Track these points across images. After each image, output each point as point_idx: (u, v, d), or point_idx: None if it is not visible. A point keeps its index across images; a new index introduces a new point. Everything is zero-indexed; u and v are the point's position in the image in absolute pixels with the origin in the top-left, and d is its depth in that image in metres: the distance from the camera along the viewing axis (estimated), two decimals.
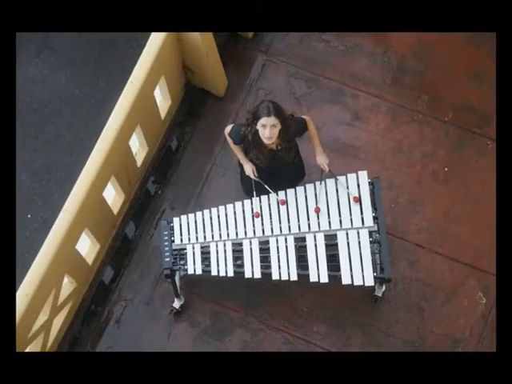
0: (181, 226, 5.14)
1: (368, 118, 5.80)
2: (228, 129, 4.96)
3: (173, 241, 5.12)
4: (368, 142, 5.74)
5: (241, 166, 5.09)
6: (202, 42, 5.32)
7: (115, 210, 5.54)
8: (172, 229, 5.14)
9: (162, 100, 5.70)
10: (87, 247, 5.43)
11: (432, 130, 5.74)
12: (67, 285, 5.26)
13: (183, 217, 5.16)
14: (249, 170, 4.95)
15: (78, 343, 5.44)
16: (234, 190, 5.50)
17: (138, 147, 5.64)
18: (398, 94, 5.83)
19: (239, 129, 4.80)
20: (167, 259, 5.06)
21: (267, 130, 4.58)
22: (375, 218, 4.95)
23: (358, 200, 4.92)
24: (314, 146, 5.02)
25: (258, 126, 4.61)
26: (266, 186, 4.95)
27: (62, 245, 4.84)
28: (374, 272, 4.89)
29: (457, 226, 5.54)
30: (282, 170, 4.97)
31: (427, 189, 5.64)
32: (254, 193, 4.98)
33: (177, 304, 5.36)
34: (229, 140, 4.96)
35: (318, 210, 4.95)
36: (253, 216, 5.03)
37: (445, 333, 5.32)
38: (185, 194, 5.70)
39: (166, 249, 5.09)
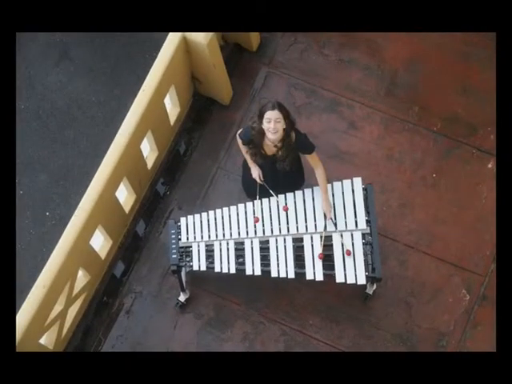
0: (187, 225, 5.13)
1: (362, 126, 5.80)
2: (240, 130, 4.88)
3: (179, 239, 5.10)
4: (362, 149, 5.75)
5: (244, 167, 5.05)
6: (209, 54, 5.35)
7: (127, 209, 5.55)
8: (179, 228, 5.12)
9: (172, 107, 5.70)
10: (100, 243, 5.43)
11: (422, 139, 5.75)
12: (81, 277, 5.28)
13: (190, 217, 5.15)
14: (256, 173, 4.89)
15: (91, 331, 5.44)
16: (237, 193, 5.50)
17: (149, 151, 5.65)
18: (391, 105, 5.83)
19: (249, 128, 4.74)
20: (174, 256, 5.05)
21: (272, 123, 4.51)
22: (368, 222, 4.95)
23: (350, 253, 4.87)
24: (321, 191, 4.91)
25: (264, 123, 4.55)
26: (270, 190, 4.92)
27: (77, 240, 4.88)
28: (365, 271, 4.88)
29: (444, 228, 5.53)
30: (281, 177, 4.93)
31: (417, 193, 5.64)
32: (258, 196, 4.93)
33: (182, 298, 5.37)
34: (239, 141, 4.87)
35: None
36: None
37: (431, 327, 5.33)
38: (191, 196, 5.67)
39: (173, 246, 5.07)
